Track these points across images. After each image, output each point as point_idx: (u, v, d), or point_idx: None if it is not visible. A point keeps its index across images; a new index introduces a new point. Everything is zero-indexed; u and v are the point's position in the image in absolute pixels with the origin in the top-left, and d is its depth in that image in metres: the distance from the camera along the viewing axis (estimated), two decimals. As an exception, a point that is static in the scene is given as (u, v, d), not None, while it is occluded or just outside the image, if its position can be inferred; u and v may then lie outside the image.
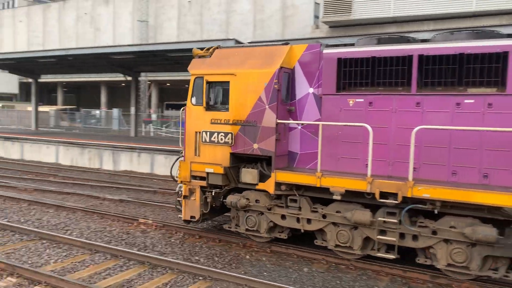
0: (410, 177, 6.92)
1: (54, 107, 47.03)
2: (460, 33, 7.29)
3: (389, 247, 7.63)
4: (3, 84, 50.57)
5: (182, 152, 9.27)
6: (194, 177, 9.04)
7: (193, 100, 9.01)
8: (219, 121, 8.68)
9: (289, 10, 29.50)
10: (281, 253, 8.56)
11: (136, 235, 9.56)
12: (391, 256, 7.45)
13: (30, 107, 34.99)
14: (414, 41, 7.68)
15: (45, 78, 40.05)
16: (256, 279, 6.93)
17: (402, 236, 7.40)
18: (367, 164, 7.34)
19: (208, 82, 8.76)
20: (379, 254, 7.58)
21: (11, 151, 23.40)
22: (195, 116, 8.96)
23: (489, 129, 6.66)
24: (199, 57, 9.25)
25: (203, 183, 8.92)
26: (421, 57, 7.25)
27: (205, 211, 9.06)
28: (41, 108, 38.88)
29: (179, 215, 9.58)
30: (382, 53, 7.58)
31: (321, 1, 22.73)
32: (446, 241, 7.07)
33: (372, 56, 7.65)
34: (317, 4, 25.62)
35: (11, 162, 21.52)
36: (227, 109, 8.61)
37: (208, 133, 8.78)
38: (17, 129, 31.33)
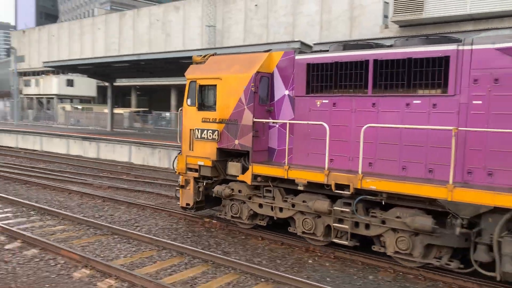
0: (360, 171, 7.64)
1: (128, 109, 49.65)
2: (413, 39, 7.92)
3: (362, 238, 8.22)
4: (83, 88, 54.38)
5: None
6: (189, 169, 10.25)
7: (188, 101, 10.28)
8: (208, 120, 9.86)
9: (357, 10, 28.83)
10: (345, 259, 8.32)
11: (201, 234, 9.76)
12: (344, 242, 8.13)
13: (106, 109, 37.21)
14: (373, 47, 8.33)
15: (120, 82, 42.46)
16: (319, 284, 6.78)
17: (357, 225, 8.06)
18: (331, 159, 8.33)
19: (200, 85, 9.98)
20: (337, 241, 8.26)
21: (89, 150, 25.00)
22: (189, 115, 10.23)
23: (431, 127, 7.33)
24: (196, 63, 10.42)
25: (196, 174, 10.11)
26: (375, 61, 7.92)
27: (198, 199, 10.27)
28: (116, 110, 41.23)
29: (178, 203, 10.85)
30: (343, 58, 8.36)
31: (391, 0, 21.95)
32: (394, 230, 7.64)
33: (335, 61, 8.44)
34: (387, 4, 24.78)
35: (88, 160, 22.98)
36: (214, 109, 9.74)
37: (199, 130, 10.01)
38: (94, 130, 33.44)
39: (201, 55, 10.55)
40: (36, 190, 14.09)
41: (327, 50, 8.85)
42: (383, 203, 7.69)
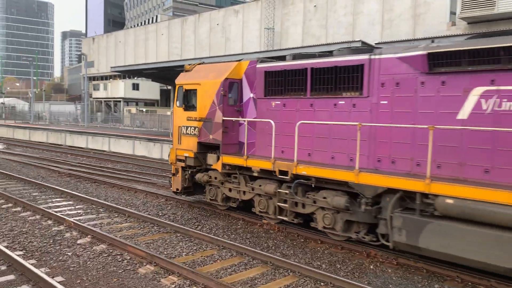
0: (295, 159, 9.21)
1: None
2: (343, 50, 9.39)
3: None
4: (147, 91, 56.78)
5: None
6: (179, 160, 12.05)
7: (177, 103, 12.10)
8: (191, 118, 11.57)
9: (421, 8, 27.71)
10: (409, 266, 8.00)
11: (260, 235, 9.81)
12: (285, 218, 9.79)
13: (169, 112, 38.56)
14: (316, 56, 9.67)
15: (181, 85, 43.73)
16: (381, 291, 6.56)
17: (297, 204, 9.57)
18: (282, 150, 10.01)
19: (185, 90, 11.78)
20: (282, 218, 9.85)
21: (153, 151, 26.02)
22: (178, 115, 12.07)
23: (343, 123, 9.19)
24: (186, 71, 12.10)
25: (183, 164, 11.89)
26: (312, 69, 9.42)
27: (185, 185, 12.04)
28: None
29: (170, 188, 12.64)
30: (290, 67, 9.90)
31: (458, -4, 20.88)
32: (323, 208, 9.06)
33: (284, 69, 10.00)
34: (454, -1, 23.59)
35: (152, 161, 23.91)
36: (195, 110, 11.48)
37: (185, 127, 11.80)
38: (158, 131, 34.75)
39: (191, 64, 12.22)
40: (104, 189, 14.88)
41: (284, 59, 10.43)
42: (313, 186, 9.22)
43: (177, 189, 12.27)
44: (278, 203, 9.84)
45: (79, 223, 9.98)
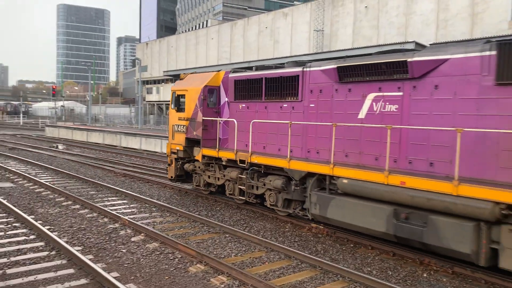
0: (250, 150, 11.39)
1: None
2: (290, 63, 11.37)
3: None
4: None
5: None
6: (172, 152, 14.33)
7: (172, 105, 14.45)
8: (181, 118, 13.87)
9: (479, 6, 26.48)
10: (466, 276, 7.65)
11: (308, 239, 9.75)
12: (242, 198, 12.20)
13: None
14: (272, 68, 11.87)
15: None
16: (435, 301, 6.32)
17: (253, 187, 11.76)
18: (246, 144, 11.78)
19: (177, 95, 14.22)
20: (245, 198, 12.10)
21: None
22: (172, 115, 14.42)
23: (280, 122, 11.63)
24: (180, 79, 14.56)
25: (175, 156, 14.21)
26: (266, 79, 11.53)
27: (177, 173, 14.29)
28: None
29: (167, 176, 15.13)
30: (251, 76, 12.02)
31: (520, -8, 19.76)
32: (270, 189, 11.21)
33: (247, 78, 12.13)
34: (515, -4, 22.37)
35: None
36: (184, 111, 13.81)
37: (177, 125, 14.11)
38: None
39: (185, 73, 14.77)
40: (157, 189, 15.36)
41: (252, 69, 12.35)
42: (262, 172, 11.41)
43: (172, 177, 14.58)
44: (240, 186, 12.14)
45: (133, 221, 10.36)
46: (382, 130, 8.60)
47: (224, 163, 12.43)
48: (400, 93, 8.68)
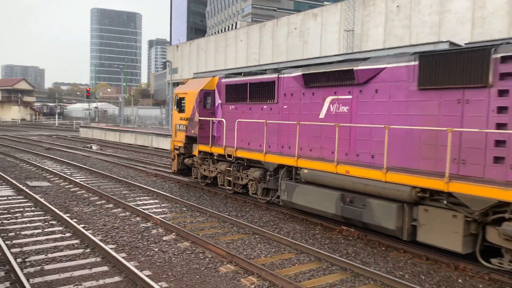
0: (235, 146, 13.14)
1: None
2: (270, 70, 13.00)
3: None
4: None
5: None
6: (175, 149, 16.14)
7: (175, 107, 16.25)
8: (182, 118, 15.59)
9: (517, 3, 25.56)
10: (503, 283, 7.39)
11: (338, 242, 9.65)
12: (229, 187, 13.89)
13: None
14: (257, 74, 13.39)
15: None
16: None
17: (239, 179, 13.40)
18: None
19: (179, 97, 15.92)
20: (233, 188, 13.81)
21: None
22: (175, 116, 16.28)
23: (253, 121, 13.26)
24: (182, 84, 16.47)
25: (177, 152, 16.04)
26: (250, 84, 13.11)
27: (179, 167, 16.12)
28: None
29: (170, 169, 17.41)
30: (238, 82, 13.64)
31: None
32: (252, 180, 12.79)
33: (236, 83, 13.76)
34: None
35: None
36: (184, 112, 15.48)
37: (179, 125, 15.86)
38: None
39: (188, 78, 17.26)
40: (187, 188, 15.55)
41: (241, 75, 14.15)
42: (245, 165, 13.22)
43: (174, 170, 16.43)
44: (228, 178, 13.77)
45: (164, 220, 10.53)
46: (341, 131, 10.11)
47: (215, 157, 14.22)
48: (350, 96, 10.19)
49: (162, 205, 12.86)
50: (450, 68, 8.20)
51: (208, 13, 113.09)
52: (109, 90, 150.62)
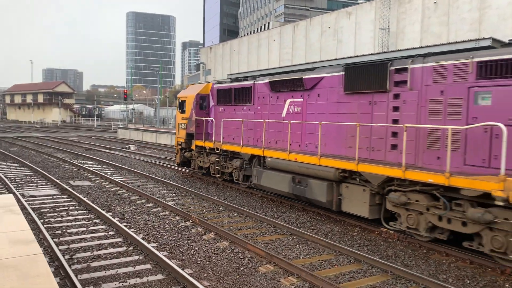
0: (221, 140, 15.72)
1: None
2: (250, 77, 15.47)
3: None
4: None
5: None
6: (178, 144, 18.93)
7: (178, 108, 18.99)
8: (183, 118, 18.33)
9: None
10: (554, 289, 7.10)
11: (378, 243, 9.53)
12: (218, 175, 16.53)
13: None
14: (242, 80, 15.75)
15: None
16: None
17: (225, 168, 15.92)
18: (223, 137, 15.78)
19: (181, 100, 18.66)
20: (221, 176, 16.51)
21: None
22: (178, 116, 19.08)
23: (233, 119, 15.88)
24: (184, 89, 19.55)
25: (179, 147, 18.79)
26: (234, 89, 15.65)
27: (181, 160, 18.81)
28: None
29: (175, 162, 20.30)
30: (226, 87, 16.21)
31: None
32: (235, 168, 15.27)
33: (224, 88, 16.29)
34: None
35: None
36: (185, 113, 18.15)
37: (181, 124, 18.60)
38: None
39: (188, 84, 17.41)
40: (223, 188, 15.74)
41: (231, 81, 16.56)
42: (229, 156, 15.72)
43: (178, 163, 19.26)
44: (217, 167, 16.38)
45: (203, 220, 10.71)
46: (293, 126, 12.73)
47: (208, 150, 16.89)
48: (302, 99, 12.68)
49: (201, 205, 13.07)
50: (363, 77, 10.56)
51: (241, 14, 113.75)
52: (144, 92, 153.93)
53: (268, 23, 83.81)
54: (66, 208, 12.33)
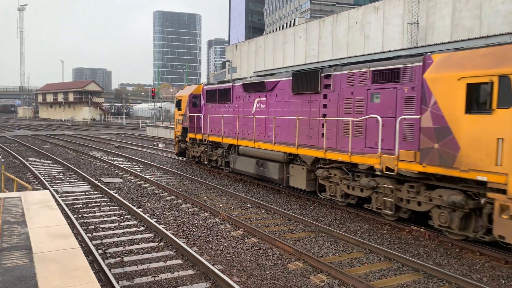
0: (207, 132, 18.88)
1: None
2: (231, 80, 18.62)
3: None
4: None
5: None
6: (176, 137, 22.01)
7: (175, 106, 21.75)
8: (180, 114, 21.15)
9: None
10: None
11: (408, 242, 9.39)
12: (206, 163, 19.70)
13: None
14: (229, 82, 18.36)
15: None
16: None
17: (211, 156, 19.05)
18: (211, 130, 18.74)
19: (178, 99, 21.45)
20: (209, 163, 19.66)
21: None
22: (176, 113, 21.87)
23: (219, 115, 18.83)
24: (181, 89, 22.45)
25: (177, 139, 21.91)
26: (218, 90, 18.50)
27: (179, 151, 21.97)
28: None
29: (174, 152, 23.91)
30: (212, 88, 19.10)
31: None
32: (219, 156, 18.30)
33: (211, 89, 19.16)
34: None
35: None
36: (181, 110, 20.96)
37: (178, 119, 21.46)
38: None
39: (184, 85, 22.43)
40: (250, 185, 15.81)
41: (217, 83, 19.38)
42: (214, 146, 18.88)
43: (176, 153, 22.52)
44: (205, 155, 19.58)
45: (232, 216, 10.79)
46: (257, 120, 15.67)
47: (198, 142, 20.06)
48: (265, 98, 15.44)
49: (228, 201, 13.17)
50: (304, 81, 13.30)
51: (266, 11, 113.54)
52: (171, 90, 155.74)
53: (294, 19, 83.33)
54: (98, 204, 12.65)
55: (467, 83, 8.47)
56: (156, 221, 10.56)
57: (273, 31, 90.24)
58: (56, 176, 17.59)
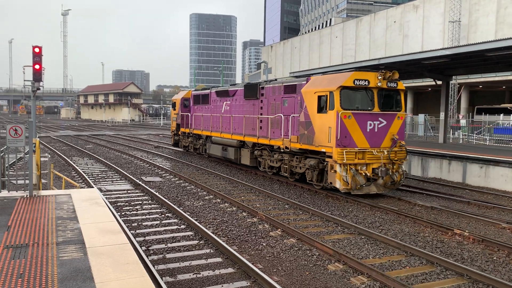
0: (193, 127, 25.54)
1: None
2: (209, 87, 25.07)
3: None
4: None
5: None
6: (172, 131, 28.97)
7: (172, 107, 29.15)
8: (174, 114, 28.21)
9: None
10: None
11: (451, 245, 9.17)
12: (192, 150, 26.65)
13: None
14: (208, 89, 24.49)
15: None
16: None
17: (196, 145, 25.83)
18: (198, 125, 24.75)
19: (174, 102, 28.54)
20: (194, 151, 26.33)
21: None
22: (172, 112, 29.24)
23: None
24: (176, 93, 33.00)
25: (173, 133, 28.68)
26: (201, 95, 24.52)
27: (174, 142, 28.72)
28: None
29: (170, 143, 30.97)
30: (197, 93, 25.23)
31: None
32: (201, 144, 24.94)
33: (199, 94, 24.86)
34: None
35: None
36: (176, 110, 27.79)
37: (173, 117, 28.53)
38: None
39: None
40: (286, 186, 15.84)
41: (202, 89, 25.33)
42: (197, 137, 25.45)
43: (172, 144, 28.65)
44: (191, 144, 25.68)
45: (270, 217, 10.87)
46: (223, 117, 21.12)
47: (187, 134, 25.99)
48: (230, 102, 20.67)
49: (265, 202, 13.27)
50: (251, 91, 18.61)
51: (302, 11, 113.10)
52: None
53: (330, 19, 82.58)
54: (140, 202, 13.04)
55: (318, 95, 13.98)
56: (196, 220, 10.77)
57: (308, 31, 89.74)
58: (99, 175, 18.25)
